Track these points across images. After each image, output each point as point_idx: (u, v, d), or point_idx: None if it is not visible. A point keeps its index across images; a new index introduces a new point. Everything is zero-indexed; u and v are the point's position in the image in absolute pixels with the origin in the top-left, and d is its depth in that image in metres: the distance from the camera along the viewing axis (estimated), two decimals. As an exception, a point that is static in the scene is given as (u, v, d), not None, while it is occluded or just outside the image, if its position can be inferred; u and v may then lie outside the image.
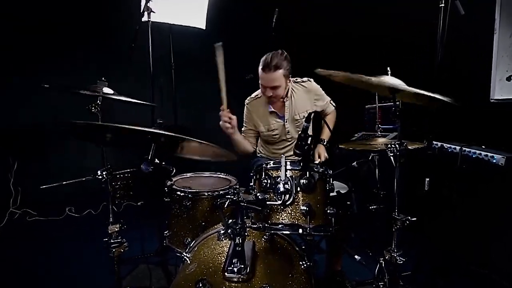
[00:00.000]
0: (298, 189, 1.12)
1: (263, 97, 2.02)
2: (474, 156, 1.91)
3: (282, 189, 1.07)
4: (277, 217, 1.12)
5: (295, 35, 3.34)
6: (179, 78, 3.12)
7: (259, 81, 1.89)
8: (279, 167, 1.16)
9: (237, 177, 1.94)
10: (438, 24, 1.86)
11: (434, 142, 2.16)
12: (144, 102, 1.63)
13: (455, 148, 2.04)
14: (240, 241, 1.03)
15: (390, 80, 1.11)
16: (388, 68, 1.16)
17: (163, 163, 1.56)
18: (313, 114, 1.14)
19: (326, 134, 2.07)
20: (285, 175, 1.10)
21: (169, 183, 1.82)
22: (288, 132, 2.01)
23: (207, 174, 2.06)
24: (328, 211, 1.18)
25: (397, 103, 1.14)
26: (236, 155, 1.07)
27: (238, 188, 1.09)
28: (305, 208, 1.09)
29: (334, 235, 1.20)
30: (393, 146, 1.13)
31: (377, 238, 1.77)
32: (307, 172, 1.12)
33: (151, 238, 2.40)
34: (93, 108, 1.57)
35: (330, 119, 2.16)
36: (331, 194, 1.24)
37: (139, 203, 3.83)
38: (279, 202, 1.08)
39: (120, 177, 2.17)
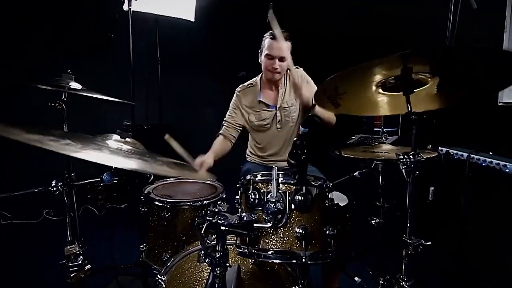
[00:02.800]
0: (293, 207, 0.93)
1: (256, 85, 1.88)
2: (484, 164, 1.75)
3: (273, 209, 0.88)
4: (267, 241, 0.93)
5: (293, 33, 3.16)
6: (165, 73, 2.90)
7: (266, 53, 1.74)
8: (270, 180, 0.97)
9: (223, 181, 1.74)
10: (448, 18, 1.70)
11: (439, 148, 2.00)
12: (117, 100, 1.42)
13: (462, 155, 1.88)
14: (221, 273, 0.83)
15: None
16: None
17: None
18: (311, 117, 0.95)
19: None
20: (277, 190, 0.91)
21: (146, 190, 1.63)
22: (279, 121, 1.85)
23: (191, 179, 1.86)
24: (327, 232, 0.99)
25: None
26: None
27: (220, 204, 0.89)
28: (300, 231, 0.90)
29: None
30: (406, 157, 0.95)
31: (378, 255, 1.60)
32: (303, 187, 0.93)
33: (132, 245, 2.19)
34: (57, 105, 1.36)
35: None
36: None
37: (122, 206, 3.61)
38: (269, 224, 0.89)
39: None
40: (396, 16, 2.45)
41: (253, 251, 0.92)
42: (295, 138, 0.97)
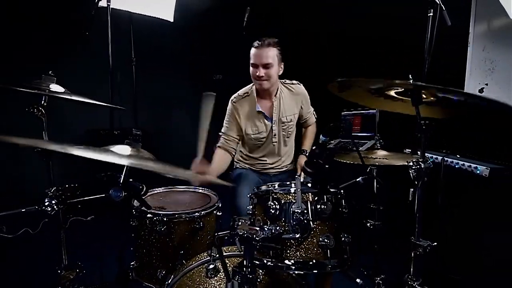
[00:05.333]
0: (316, 216, 0.93)
1: (252, 95, 1.83)
2: (456, 166, 1.92)
3: (300, 219, 0.87)
4: (290, 252, 0.91)
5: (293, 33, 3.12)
6: (140, 74, 2.74)
7: (251, 62, 1.73)
8: (289, 190, 0.95)
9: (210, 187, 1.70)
10: (426, 33, 1.84)
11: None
12: (107, 104, 1.30)
13: (436, 158, 2.04)
14: (249, 289, 0.79)
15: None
16: (410, 75, 1.02)
17: (130, 180, 1.26)
18: (333, 126, 0.96)
19: (308, 145, 1.93)
20: (301, 201, 0.90)
21: (135, 202, 1.51)
22: (275, 135, 1.83)
23: (181, 188, 1.77)
24: (343, 239, 1.00)
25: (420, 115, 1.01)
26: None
27: (242, 220, 0.85)
28: (326, 240, 0.90)
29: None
30: (415, 164, 1.00)
31: (374, 256, 1.67)
32: (324, 196, 0.94)
33: (109, 261, 2.02)
34: (35, 111, 1.20)
35: (312, 131, 2.00)
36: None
37: (89, 218, 3.30)
38: (298, 235, 0.87)
39: (66, 188, 1.78)
40: (396, 16, 2.52)
41: (278, 264, 0.90)
42: (314, 147, 0.97)
